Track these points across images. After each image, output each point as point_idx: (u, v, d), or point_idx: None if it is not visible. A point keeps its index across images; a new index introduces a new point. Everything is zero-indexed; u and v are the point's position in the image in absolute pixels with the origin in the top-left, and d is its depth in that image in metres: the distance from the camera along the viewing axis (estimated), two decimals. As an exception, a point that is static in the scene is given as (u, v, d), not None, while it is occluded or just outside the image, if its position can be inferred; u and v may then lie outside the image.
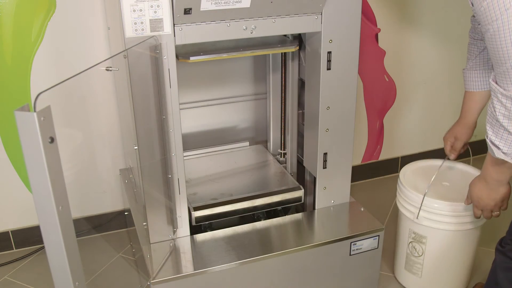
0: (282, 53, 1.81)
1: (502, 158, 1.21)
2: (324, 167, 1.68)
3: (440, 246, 1.64)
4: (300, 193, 1.73)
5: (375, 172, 2.58)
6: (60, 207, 0.98)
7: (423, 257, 1.68)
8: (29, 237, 2.06)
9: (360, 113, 2.40)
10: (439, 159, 1.79)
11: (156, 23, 1.34)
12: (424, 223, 1.62)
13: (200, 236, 1.60)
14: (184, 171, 1.52)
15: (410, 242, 1.70)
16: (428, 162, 1.82)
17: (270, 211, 1.78)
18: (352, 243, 1.61)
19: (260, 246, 1.55)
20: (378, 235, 1.63)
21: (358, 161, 2.52)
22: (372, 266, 1.69)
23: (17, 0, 1.74)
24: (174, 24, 1.37)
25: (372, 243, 1.64)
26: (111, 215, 2.16)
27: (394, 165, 2.60)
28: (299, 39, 1.69)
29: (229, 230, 1.63)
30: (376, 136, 2.51)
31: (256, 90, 2.00)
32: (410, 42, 2.36)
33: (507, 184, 1.36)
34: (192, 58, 1.52)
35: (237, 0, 1.37)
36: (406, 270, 1.76)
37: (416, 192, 1.62)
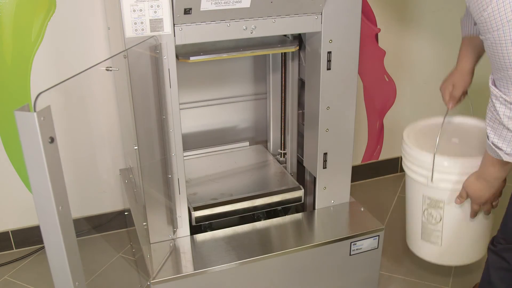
0: (282, 53, 1.81)
1: (507, 160, 1.21)
2: (324, 167, 1.68)
3: (461, 210, 1.51)
4: (300, 193, 1.73)
5: (375, 172, 2.58)
6: (60, 207, 0.98)
7: (441, 223, 1.55)
8: (29, 237, 2.06)
9: (360, 113, 2.40)
10: (440, 116, 1.66)
11: (156, 23, 1.34)
12: (440, 185, 1.49)
13: (200, 236, 1.60)
14: (184, 171, 1.52)
15: (426, 209, 1.57)
16: (430, 121, 1.71)
17: (270, 211, 1.78)
18: (352, 243, 1.61)
19: (260, 246, 1.55)
20: (378, 235, 1.63)
21: (358, 161, 2.52)
22: (372, 266, 1.68)
23: (17, 0, 1.74)
24: (174, 24, 1.37)
25: (372, 243, 1.64)
26: (111, 215, 2.16)
27: (394, 165, 2.60)
28: (299, 39, 1.68)
29: (229, 230, 1.63)
30: (376, 136, 2.51)
31: (256, 90, 2.00)
32: (410, 42, 2.36)
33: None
34: (192, 58, 1.52)
35: (237, 0, 1.37)
36: (423, 240, 1.63)
37: (426, 153, 1.48)
